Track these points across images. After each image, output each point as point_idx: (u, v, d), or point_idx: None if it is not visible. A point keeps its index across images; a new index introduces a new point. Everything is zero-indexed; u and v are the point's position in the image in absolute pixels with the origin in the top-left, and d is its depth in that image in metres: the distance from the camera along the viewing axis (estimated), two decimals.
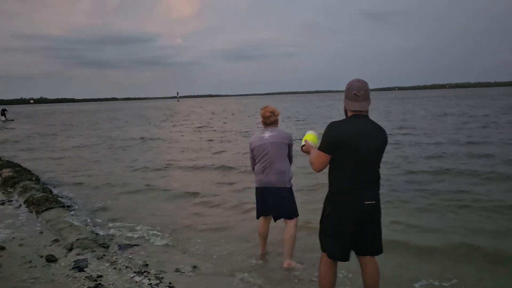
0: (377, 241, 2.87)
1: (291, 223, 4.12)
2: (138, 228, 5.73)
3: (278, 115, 4.23)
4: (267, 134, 4.14)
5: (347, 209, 2.71)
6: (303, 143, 3.22)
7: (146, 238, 5.34)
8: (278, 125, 4.28)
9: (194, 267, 4.34)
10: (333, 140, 2.67)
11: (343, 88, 2.82)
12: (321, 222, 2.92)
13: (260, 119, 4.27)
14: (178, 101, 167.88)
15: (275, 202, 4.11)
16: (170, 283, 3.89)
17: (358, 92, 2.69)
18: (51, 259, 4.47)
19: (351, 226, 2.74)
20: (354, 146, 2.64)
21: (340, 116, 4.38)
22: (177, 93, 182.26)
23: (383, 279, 3.18)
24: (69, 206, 6.89)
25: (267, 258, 4.52)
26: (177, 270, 4.24)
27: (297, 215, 4.19)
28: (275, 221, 4.27)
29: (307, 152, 3.11)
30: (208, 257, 4.66)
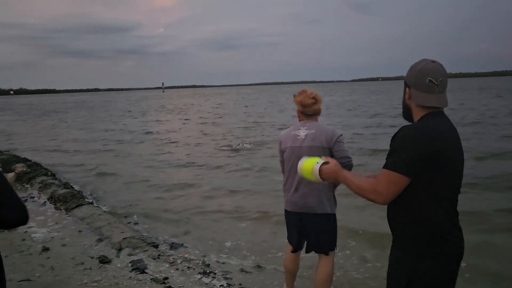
0: None
1: (329, 258, 3.09)
2: (182, 225, 5.56)
3: (321, 102, 3.00)
4: (302, 132, 2.95)
5: (450, 262, 1.77)
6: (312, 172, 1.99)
7: (192, 236, 5.18)
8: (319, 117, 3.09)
9: (258, 266, 4.20)
10: (421, 155, 1.68)
11: (329, 78, 1.87)
12: None
13: (297, 109, 3.06)
14: (163, 91, 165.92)
15: (313, 232, 3.03)
16: (240, 284, 3.75)
17: (435, 78, 1.76)
18: (104, 260, 4.27)
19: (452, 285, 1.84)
20: (446, 162, 1.73)
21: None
22: (163, 83, 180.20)
23: None
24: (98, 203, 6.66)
25: None
26: (242, 270, 4.10)
27: (334, 247, 3.14)
28: (306, 252, 3.20)
29: (331, 178, 1.98)
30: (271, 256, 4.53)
